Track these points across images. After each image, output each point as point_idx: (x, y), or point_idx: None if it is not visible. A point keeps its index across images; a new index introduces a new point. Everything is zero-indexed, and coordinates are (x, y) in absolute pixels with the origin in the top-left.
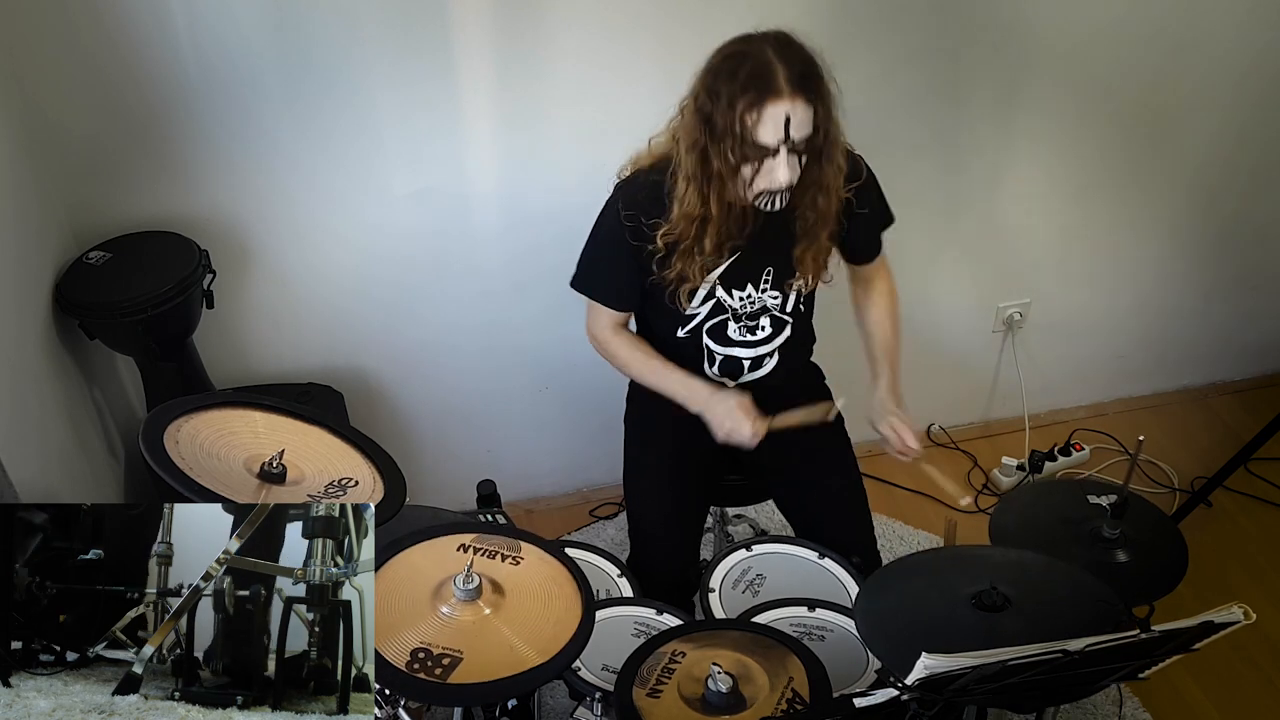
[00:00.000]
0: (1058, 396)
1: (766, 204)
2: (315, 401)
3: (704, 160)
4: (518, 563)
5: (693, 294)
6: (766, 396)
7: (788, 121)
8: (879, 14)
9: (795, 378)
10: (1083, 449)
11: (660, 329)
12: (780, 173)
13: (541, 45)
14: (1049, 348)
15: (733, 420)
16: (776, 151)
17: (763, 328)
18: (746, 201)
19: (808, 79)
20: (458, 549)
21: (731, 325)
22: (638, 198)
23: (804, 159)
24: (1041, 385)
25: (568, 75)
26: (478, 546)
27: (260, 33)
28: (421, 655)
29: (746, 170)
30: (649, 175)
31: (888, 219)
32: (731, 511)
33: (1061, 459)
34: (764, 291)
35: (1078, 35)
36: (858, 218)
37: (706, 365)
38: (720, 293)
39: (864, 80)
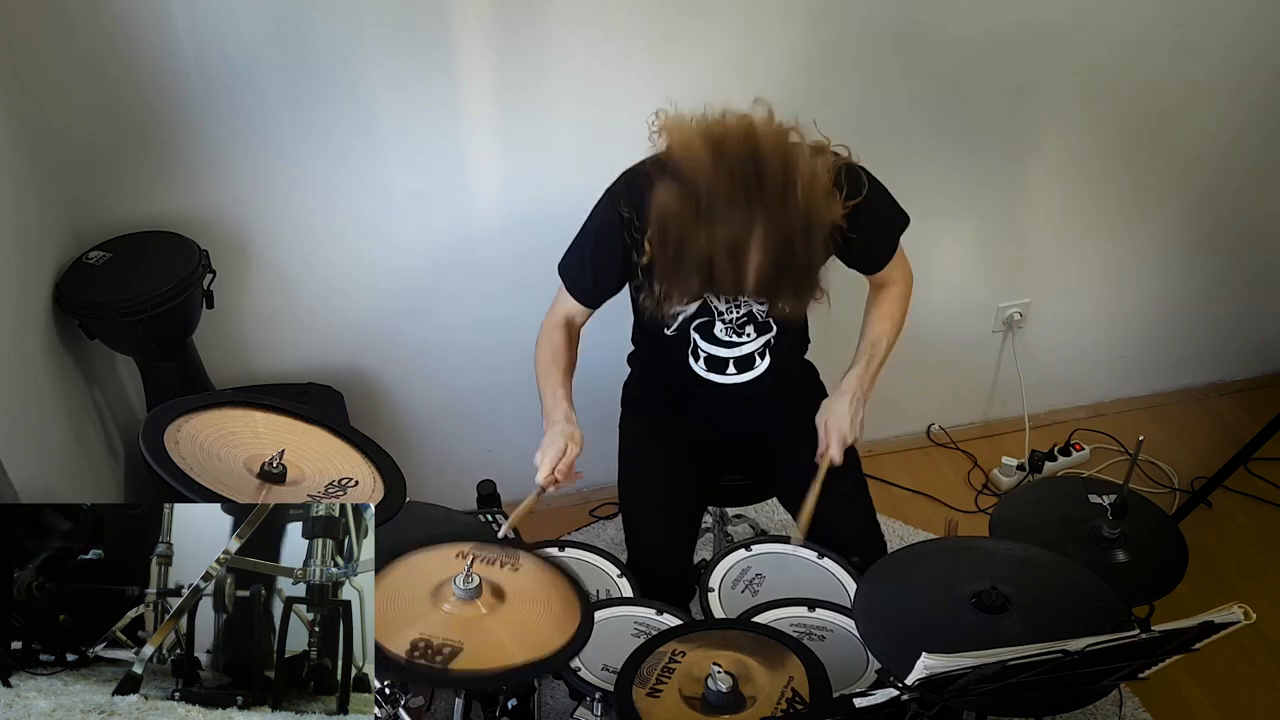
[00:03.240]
0: (1058, 396)
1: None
2: (315, 401)
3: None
4: (516, 568)
5: (676, 314)
6: (760, 409)
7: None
8: (880, 12)
9: (787, 387)
10: (1083, 449)
11: (650, 325)
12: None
13: (541, 45)
14: (1049, 348)
15: (551, 449)
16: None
17: (749, 334)
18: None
19: (777, 276)
20: (455, 556)
21: (718, 325)
22: (638, 189)
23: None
24: (1041, 385)
25: (568, 75)
26: (476, 555)
27: (260, 33)
28: (421, 644)
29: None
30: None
31: (900, 221)
32: (731, 511)
33: (1061, 459)
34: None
35: (1078, 36)
36: (852, 242)
37: (692, 360)
38: (708, 297)
39: (864, 79)
